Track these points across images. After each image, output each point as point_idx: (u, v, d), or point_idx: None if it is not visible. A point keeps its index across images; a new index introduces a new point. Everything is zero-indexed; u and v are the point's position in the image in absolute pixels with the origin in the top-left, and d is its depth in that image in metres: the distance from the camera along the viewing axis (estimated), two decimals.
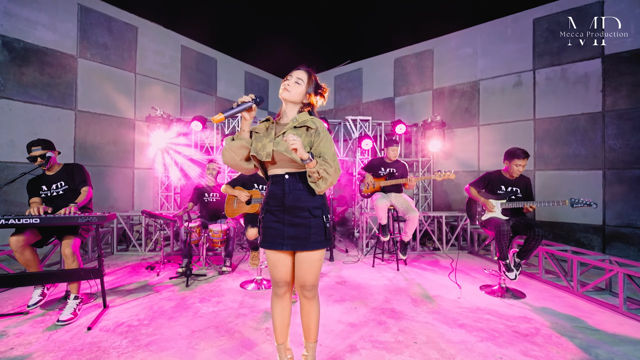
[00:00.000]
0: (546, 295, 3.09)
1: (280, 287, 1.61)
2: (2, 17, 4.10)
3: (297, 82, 1.57)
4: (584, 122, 4.66)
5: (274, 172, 1.58)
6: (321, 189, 1.47)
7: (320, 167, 1.43)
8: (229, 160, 1.58)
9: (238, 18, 5.82)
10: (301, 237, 1.52)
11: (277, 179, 1.57)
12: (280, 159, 1.54)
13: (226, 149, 1.56)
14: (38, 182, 2.75)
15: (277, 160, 1.55)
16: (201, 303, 2.79)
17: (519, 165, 3.06)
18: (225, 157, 1.58)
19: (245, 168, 1.63)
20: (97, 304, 2.73)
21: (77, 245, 2.60)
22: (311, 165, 1.41)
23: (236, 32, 6.43)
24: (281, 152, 1.50)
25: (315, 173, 1.43)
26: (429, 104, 6.35)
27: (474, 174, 5.68)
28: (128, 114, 5.43)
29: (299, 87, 1.57)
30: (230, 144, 1.56)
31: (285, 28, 6.09)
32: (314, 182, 1.46)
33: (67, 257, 2.48)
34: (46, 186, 2.75)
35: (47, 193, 2.75)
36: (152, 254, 4.66)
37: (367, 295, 3.04)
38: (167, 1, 5.40)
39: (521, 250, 2.98)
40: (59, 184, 2.77)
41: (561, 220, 4.83)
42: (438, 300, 2.92)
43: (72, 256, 2.49)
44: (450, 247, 4.94)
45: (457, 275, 3.58)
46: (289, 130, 1.52)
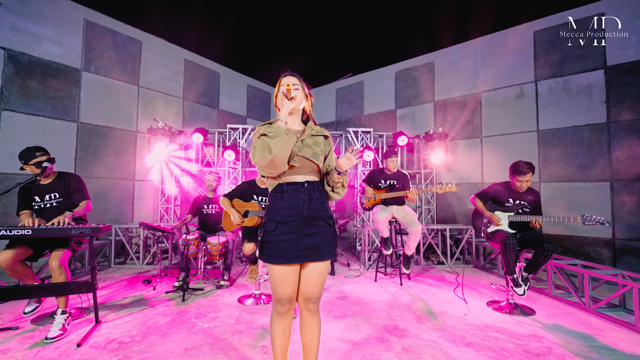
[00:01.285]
0: (557, 311, 2.95)
1: (284, 304, 1.49)
2: (9, 31, 4.18)
3: (296, 87, 1.54)
4: (588, 133, 4.60)
5: (291, 180, 1.51)
6: (340, 196, 1.57)
7: (344, 178, 1.53)
8: (281, 157, 1.36)
9: (241, 33, 5.91)
10: (318, 247, 1.48)
11: (296, 187, 1.49)
12: (302, 166, 1.50)
13: (281, 140, 1.35)
14: (30, 191, 2.64)
15: (297, 167, 1.49)
16: (197, 319, 2.69)
17: (521, 182, 2.94)
18: (276, 149, 1.34)
19: (283, 170, 1.45)
20: (90, 319, 2.64)
21: (66, 258, 2.52)
22: (342, 176, 1.50)
23: (239, 47, 6.52)
24: (308, 158, 1.50)
25: (339, 183, 1.52)
26: (430, 116, 6.34)
27: (478, 187, 5.60)
28: (130, 126, 5.45)
29: (299, 91, 1.55)
30: (291, 136, 1.41)
31: (288, 42, 6.17)
32: (331, 189, 1.55)
33: (54, 270, 2.38)
34: (39, 197, 2.64)
35: (40, 204, 2.64)
36: (150, 267, 4.57)
37: (369, 311, 2.92)
38: (171, 16, 5.50)
39: (529, 265, 2.87)
40: (52, 195, 2.67)
41: (569, 234, 4.70)
42: (443, 316, 2.79)
43: (59, 269, 2.39)
44: (455, 261, 4.81)
45: (463, 290, 3.46)
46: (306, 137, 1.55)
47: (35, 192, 2.65)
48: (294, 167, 1.48)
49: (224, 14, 5.35)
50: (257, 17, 5.46)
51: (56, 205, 2.68)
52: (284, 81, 1.55)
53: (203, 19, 5.47)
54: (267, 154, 1.35)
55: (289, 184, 1.50)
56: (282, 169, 1.43)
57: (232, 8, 5.20)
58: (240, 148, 5.56)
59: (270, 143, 1.35)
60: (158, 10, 5.18)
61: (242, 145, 5.62)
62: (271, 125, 1.42)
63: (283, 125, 1.42)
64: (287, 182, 1.51)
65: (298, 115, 1.62)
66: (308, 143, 1.53)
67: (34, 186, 2.66)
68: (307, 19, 5.49)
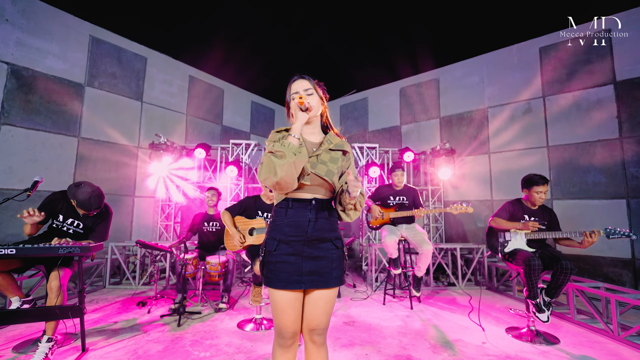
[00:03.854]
0: (582, 340, 2.72)
1: (287, 338, 1.30)
2: (14, 46, 4.17)
3: (308, 92, 1.38)
4: (601, 149, 4.46)
5: (298, 196, 1.35)
6: (351, 219, 1.38)
7: (359, 199, 1.32)
8: (287, 180, 1.20)
9: (245, 50, 5.95)
10: (322, 272, 1.30)
11: (302, 204, 1.33)
12: (313, 184, 1.33)
13: (288, 162, 1.18)
14: (60, 204, 2.51)
15: (306, 184, 1.33)
16: (192, 347, 2.48)
17: (540, 192, 2.83)
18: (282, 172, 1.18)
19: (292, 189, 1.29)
20: (77, 347, 2.43)
21: (67, 277, 2.37)
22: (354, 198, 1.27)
23: (243, 64, 6.55)
24: (321, 177, 1.33)
25: (351, 205, 1.32)
26: (436, 132, 6.24)
27: (487, 204, 5.42)
28: (132, 141, 5.37)
29: (313, 97, 1.39)
30: (301, 156, 1.22)
31: (292, 59, 6.19)
32: (342, 210, 1.36)
33: (52, 291, 2.22)
34: (63, 217, 2.52)
35: (59, 225, 2.52)
36: (146, 287, 4.36)
37: (378, 338, 2.70)
38: (177, 34, 5.54)
39: (549, 287, 2.67)
40: (77, 222, 2.54)
41: (585, 253, 4.47)
42: (460, 345, 2.57)
43: (57, 291, 2.23)
44: (466, 282, 4.57)
45: (479, 315, 3.22)
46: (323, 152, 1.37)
47: (63, 209, 2.52)
48: (303, 184, 1.33)
49: (229, 31, 5.38)
50: (262, 32, 5.49)
51: (72, 233, 2.55)
52: (295, 87, 1.39)
53: (209, 36, 5.51)
54: (272, 175, 1.20)
55: (295, 200, 1.34)
56: (291, 189, 1.28)
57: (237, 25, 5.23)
58: (243, 164, 5.45)
59: (277, 164, 1.18)
60: (164, 27, 5.23)
61: (244, 161, 5.51)
62: (282, 142, 1.23)
63: (295, 142, 1.23)
64: (293, 197, 1.35)
65: (317, 123, 1.45)
66: (323, 159, 1.36)
67: (65, 202, 2.53)
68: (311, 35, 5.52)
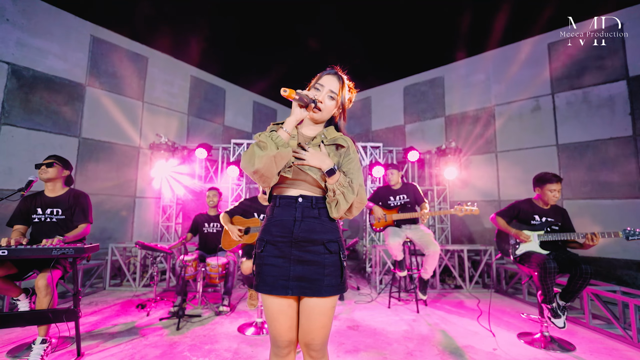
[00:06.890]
0: (599, 347, 2.59)
1: (282, 347, 1.21)
2: (14, 46, 4.14)
3: (331, 95, 1.29)
4: (613, 147, 4.32)
5: (284, 193, 1.27)
6: (339, 214, 1.24)
7: (341, 187, 1.21)
8: (264, 172, 1.16)
9: (247, 50, 5.89)
10: (312, 279, 1.19)
11: (287, 202, 1.25)
12: (297, 178, 1.25)
13: (268, 155, 1.12)
14: (34, 201, 2.48)
15: (291, 179, 1.25)
16: (191, 352, 2.39)
17: (553, 191, 2.71)
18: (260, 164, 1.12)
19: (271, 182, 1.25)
20: (72, 351, 2.36)
21: (56, 278, 2.29)
22: (334, 179, 1.20)
23: (245, 64, 6.49)
24: (303, 169, 1.24)
25: (332, 191, 1.20)
26: (441, 130, 6.12)
27: (495, 204, 5.29)
28: (133, 142, 5.32)
29: (331, 102, 1.29)
30: (284, 151, 1.15)
31: (294, 58, 6.12)
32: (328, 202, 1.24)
33: (40, 289, 2.15)
34: (42, 209, 2.48)
35: (41, 217, 2.47)
36: (146, 289, 4.28)
37: (384, 344, 2.59)
38: (178, 33, 5.49)
39: (565, 291, 2.54)
40: (56, 210, 2.49)
41: (597, 255, 4.32)
42: (470, 352, 2.45)
43: (45, 289, 2.15)
44: (474, 285, 4.44)
45: (489, 319, 3.09)
46: (313, 146, 1.27)
47: (39, 204, 2.49)
48: (287, 178, 1.24)
49: (230, 31, 5.32)
50: (263, 33, 5.43)
51: (56, 222, 2.49)
52: (323, 81, 1.30)
53: (210, 36, 5.45)
54: (249, 165, 1.16)
55: (282, 197, 1.26)
56: (269, 182, 1.24)
57: (238, 25, 5.17)
58: None
59: (256, 155, 1.13)
60: (165, 26, 5.18)
61: None
62: (271, 133, 1.17)
63: (284, 136, 1.17)
64: (280, 195, 1.27)
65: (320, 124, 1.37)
66: None
67: (40, 195, 2.51)
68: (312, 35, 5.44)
